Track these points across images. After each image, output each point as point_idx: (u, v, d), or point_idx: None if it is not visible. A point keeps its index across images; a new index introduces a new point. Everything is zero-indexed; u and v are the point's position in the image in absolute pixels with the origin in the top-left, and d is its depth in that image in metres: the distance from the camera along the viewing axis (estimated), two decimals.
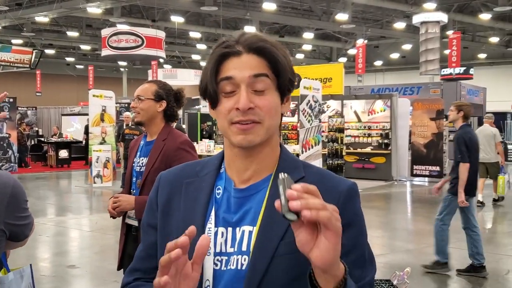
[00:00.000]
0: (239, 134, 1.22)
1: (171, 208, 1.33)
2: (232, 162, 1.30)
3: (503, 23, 32.59)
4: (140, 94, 3.36)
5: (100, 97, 16.52)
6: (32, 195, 14.50)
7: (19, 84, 37.92)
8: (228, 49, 1.24)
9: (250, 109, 1.20)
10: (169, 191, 1.35)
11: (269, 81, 1.23)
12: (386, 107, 17.37)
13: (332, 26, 31.61)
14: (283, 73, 1.25)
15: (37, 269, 6.96)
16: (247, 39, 1.24)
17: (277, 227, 1.19)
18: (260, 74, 1.22)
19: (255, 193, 1.26)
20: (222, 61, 1.24)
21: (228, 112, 1.22)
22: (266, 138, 1.25)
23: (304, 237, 1.01)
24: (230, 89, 1.22)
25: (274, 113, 1.25)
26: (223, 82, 1.23)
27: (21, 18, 29.18)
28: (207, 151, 13.96)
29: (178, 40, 37.72)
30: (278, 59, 1.23)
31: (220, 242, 1.24)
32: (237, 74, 1.21)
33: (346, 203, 1.23)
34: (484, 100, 29.43)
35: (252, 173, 1.28)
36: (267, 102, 1.23)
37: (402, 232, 9.96)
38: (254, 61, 1.23)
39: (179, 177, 1.36)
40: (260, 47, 1.23)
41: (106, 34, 28.37)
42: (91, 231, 9.92)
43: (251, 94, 1.22)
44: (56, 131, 24.81)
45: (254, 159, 1.27)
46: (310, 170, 1.31)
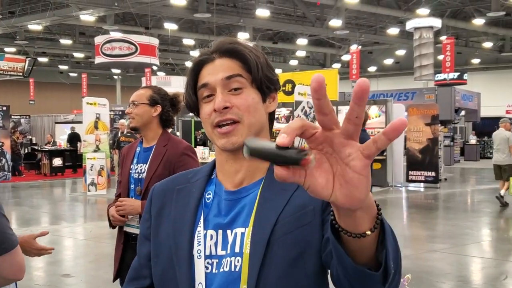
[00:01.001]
0: (221, 138, 1.23)
1: (163, 217, 1.34)
2: (223, 166, 1.30)
3: (496, 28, 32.74)
4: (135, 100, 3.32)
5: (94, 104, 16.44)
6: (25, 203, 14.40)
7: (12, 92, 37.85)
8: (202, 57, 1.28)
9: (227, 109, 1.22)
10: (162, 200, 1.37)
11: (243, 80, 1.25)
12: (381, 112, 17.35)
13: (326, 32, 31.68)
14: (255, 70, 1.25)
15: (31, 278, 6.88)
16: (218, 44, 1.28)
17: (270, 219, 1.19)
18: (232, 75, 1.24)
19: (247, 195, 1.26)
20: (199, 71, 1.28)
21: (208, 116, 1.24)
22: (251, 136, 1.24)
23: (317, 182, 0.83)
24: (207, 93, 1.25)
25: (253, 110, 1.25)
26: (201, 90, 1.27)
27: (14, 26, 29.13)
28: (202, 158, 13.88)
29: (172, 47, 37.76)
30: (247, 57, 1.25)
31: (210, 245, 1.24)
32: (211, 79, 1.25)
33: None
34: (478, 105, 29.50)
35: (244, 176, 1.28)
36: (243, 100, 1.24)
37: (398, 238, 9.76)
38: (226, 63, 1.26)
39: (172, 185, 1.38)
40: (229, 49, 1.26)
41: (100, 41, 28.34)
42: (85, 240, 9.84)
43: (228, 94, 1.24)
44: (49, 139, 24.69)
45: (244, 162, 1.27)
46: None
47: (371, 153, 0.79)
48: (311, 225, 1.17)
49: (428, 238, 9.77)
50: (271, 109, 1.32)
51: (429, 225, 11.09)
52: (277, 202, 1.21)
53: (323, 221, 1.17)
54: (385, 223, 0.94)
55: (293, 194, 1.22)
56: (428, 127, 16.69)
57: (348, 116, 0.79)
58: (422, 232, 10.44)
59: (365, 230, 0.90)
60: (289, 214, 1.19)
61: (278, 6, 30.36)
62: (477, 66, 40.83)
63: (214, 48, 1.28)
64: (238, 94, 1.24)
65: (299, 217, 1.19)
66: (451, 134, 26.60)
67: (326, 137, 0.82)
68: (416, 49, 27.51)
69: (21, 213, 12.88)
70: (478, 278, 7.17)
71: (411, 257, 8.16)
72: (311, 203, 1.19)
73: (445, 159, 21.83)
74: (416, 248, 8.97)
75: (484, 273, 7.26)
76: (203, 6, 26.30)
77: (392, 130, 0.76)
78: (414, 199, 15.41)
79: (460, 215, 12.03)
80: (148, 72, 29.68)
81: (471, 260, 8.10)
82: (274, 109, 1.34)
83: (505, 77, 39.83)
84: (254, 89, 1.26)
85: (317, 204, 1.19)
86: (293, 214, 1.19)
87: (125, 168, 3.39)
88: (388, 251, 0.95)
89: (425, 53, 27.29)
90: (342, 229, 0.91)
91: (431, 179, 16.67)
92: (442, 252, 8.30)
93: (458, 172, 23.96)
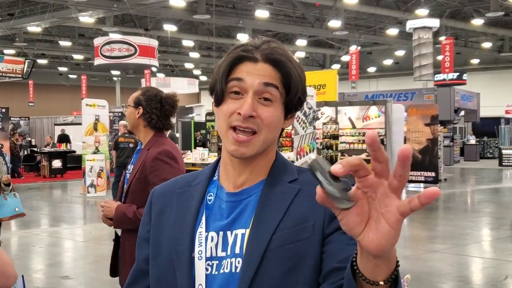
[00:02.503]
0: (233, 144, 1.21)
1: (163, 219, 1.32)
2: (227, 165, 1.29)
3: (495, 29, 32.74)
4: (128, 101, 3.33)
5: (93, 106, 16.43)
6: (25, 205, 14.32)
7: (12, 94, 37.84)
8: (245, 53, 1.23)
9: (251, 117, 1.19)
10: (162, 203, 1.35)
11: (277, 94, 1.22)
12: (381, 113, 17.34)
13: (325, 33, 31.66)
14: (293, 90, 1.24)
15: (30, 280, 6.87)
16: (266, 49, 1.23)
17: (269, 224, 1.19)
18: (270, 83, 1.21)
19: (248, 197, 1.26)
20: (237, 63, 1.23)
21: (229, 115, 1.21)
22: (260, 150, 1.24)
23: (353, 218, 0.88)
24: (237, 90, 1.22)
25: (274, 126, 1.24)
26: (232, 82, 1.22)
27: (13, 28, 29.11)
28: (201, 159, 13.85)
29: (171, 49, 37.74)
30: (292, 75, 1.23)
31: (210, 246, 1.23)
32: (248, 78, 1.21)
33: None
34: (477, 105, 29.52)
35: (246, 178, 1.27)
36: (270, 114, 1.21)
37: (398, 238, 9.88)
38: (268, 70, 1.22)
39: (172, 188, 1.36)
40: (277, 59, 1.23)
41: (99, 43, 28.31)
42: (85, 241, 9.83)
43: (257, 102, 1.21)
44: (49, 141, 24.67)
45: (248, 167, 1.27)
46: (303, 174, 1.29)
47: (405, 211, 0.84)
48: (308, 241, 1.18)
49: (428, 238, 9.77)
50: (287, 126, 1.32)
51: (429, 226, 11.08)
52: (277, 208, 1.21)
53: (323, 238, 1.18)
54: (399, 279, 0.97)
55: (293, 201, 1.22)
56: (428, 128, 16.69)
57: (394, 173, 0.85)
58: (422, 232, 10.44)
59: (380, 279, 0.92)
60: (288, 225, 1.19)
61: (277, 7, 30.36)
62: (476, 66, 40.82)
63: (259, 49, 1.23)
64: (267, 106, 1.21)
65: (298, 231, 1.19)
66: (450, 134, 26.61)
67: (374, 183, 0.86)
68: (415, 49, 27.51)
69: None
70: (478, 279, 7.16)
71: (411, 258, 8.15)
72: (312, 219, 1.19)
73: (445, 159, 21.82)
74: (416, 248, 8.96)
75: (484, 273, 7.26)
76: (203, 7, 26.28)
77: (426, 197, 0.81)
78: None
79: (460, 215, 12.03)
80: (147, 73, 29.66)
81: (471, 261, 8.10)
82: (289, 126, 1.34)
83: (504, 77, 39.82)
84: (282, 106, 1.25)
85: (318, 221, 1.19)
86: (292, 227, 1.19)
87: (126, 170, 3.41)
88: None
89: (424, 53, 27.29)
90: (359, 271, 0.94)
91: (431, 180, 16.67)
92: (442, 253, 8.29)
93: (458, 172, 23.96)
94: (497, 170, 25.19)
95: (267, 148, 1.26)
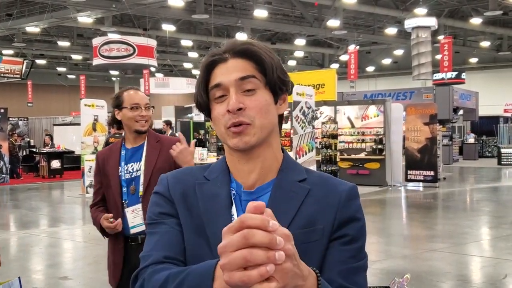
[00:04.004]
0: (234, 137, 1.23)
1: (188, 203, 1.30)
2: (235, 167, 1.31)
3: (494, 28, 32.75)
4: (148, 103, 3.42)
5: (92, 106, 16.41)
6: (24, 206, 14.38)
7: (10, 95, 37.80)
8: (215, 57, 1.27)
9: (240, 110, 1.22)
10: (182, 187, 1.32)
11: (257, 81, 1.25)
12: (380, 112, 17.35)
13: (324, 33, 31.66)
14: (269, 72, 1.26)
15: (29, 281, 6.86)
16: (231, 45, 1.28)
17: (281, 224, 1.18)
18: (246, 76, 1.24)
19: (261, 195, 1.28)
20: (211, 70, 1.27)
21: (222, 117, 1.24)
22: (263, 137, 1.25)
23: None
24: (220, 94, 1.25)
25: (264, 111, 1.25)
26: (212, 90, 1.26)
27: (11, 29, 29.09)
28: (200, 159, 13.85)
29: (170, 49, 37.71)
30: (262, 58, 1.25)
31: None
32: (224, 79, 1.24)
33: (347, 201, 1.27)
34: (476, 104, 29.53)
35: (257, 176, 1.28)
36: (256, 102, 1.24)
37: (398, 237, 9.90)
38: (240, 64, 1.25)
39: (189, 177, 1.34)
40: (243, 50, 1.26)
41: (97, 43, 28.29)
42: (84, 242, 9.82)
43: (241, 95, 1.23)
44: (48, 141, 24.67)
45: (256, 161, 1.28)
46: (312, 174, 1.33)
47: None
48: (316, 244, 1.21)
49: (427, 237, 9.76)
50: (282, 111, 1.33)
51: (429, 225, 11.08)
52: (288, 209, 1.23)
53: (329, 242, 1.22)
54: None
55: (304, 201, 1.24)
56: (427, 127, 16.69)
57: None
58: (421, 231, 10.43)
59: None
60: (298, 226, 1.21)
61: (276, 7, 30.34)
62: (475, 66, 40.84)
63: (226, 48, 1.27)
64: (252, 95, 1.24)
65: (308, 232, 1.21)
66: (449, 133, 26.62)
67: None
68: (414, 48, 27.50)
69: (20, 216, 12.86)
70: (478, 277, 7.16)
71: (411, 257, 8.15)
72: (321, 222, 1.22)
73: (444, 158, 21.82)
74: (416, 247, 8.96)
75: (484, 272, 7.25)
76: (201, 7, 26.26)
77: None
78: (413, 199, 15.41)
79: (460, 214, 12.02)
80: (146, 73, 29.65)
81: (471, 259, 8.09)
82: (285, 110, 1.35)
83: (503, 76, 39.84)
84: (267, 91, 1.27)
85: (327, 224, 1.22)
86: (302, 228, 1.21)
87: (112, 173, 3.35)
88: None
89: (423, 51, 27.28)
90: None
91: (430, 179, 16.67)
92: (441, 252, 8.29)
93: (457, 171, 23.96)
94: (496, 169, 25.19)
95: (269, 137, 1.27)
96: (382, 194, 15.56)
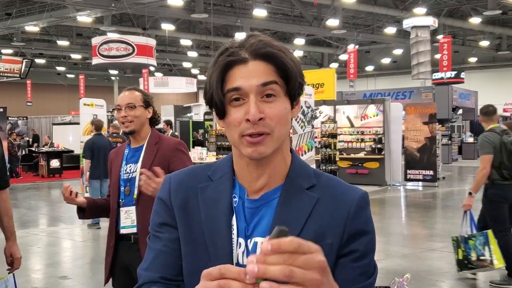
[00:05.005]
0: (249, 146, 1.17)
1: (189, 209, 1.27)
2: (243, 171, 1.26)
3: (493, 27, 32.76)
4: (132, 102, 3.30)
5: (91, 105, 16.41)
6: (23, 205, 14.37)
7: (10, 94, 37.78)
8: (233, 57, 1.18)
9: (260, 120, 1.15)
10: (184, 192, 1.30)
11: (278, 88, 1.17)
12: (379, 111, 17.35)
13: (323, 32, 31.66)
14: (292, 78, 1.19)
15: (28, 281, 6.86)
16: (252, 45, 1.18)
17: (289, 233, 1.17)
18: (268, 82, 1.16)
19: (267, 203, 1.23)
20: (228, 70, 1.18)
21: (238, 124, 1.17)
22: (277, 147, 1.20)
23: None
24: (237, 97, 1.17)
25: (284, 121, 1.19)
26: (230, 92, 1.17)
27: (10, 28, 29.07)
28: (200, 158, 13.85)
29: (169, 48, 37.72)
30: (286, 64, 1.18)
31: (238, 253, 1.22)
32: (244, 83, 1.16)
33: (357, 212, 1.22)
34: (475, 104, 29.55)
35: (265, 182, 1.24)
36: (277, 110, 1.17)
37: (397, 237, 9.90)
38: (262, 68, 1.17)
39: (192, 180, 1.31)
40: (267, 53, 1.17)
41: (97, 42, 28.28)
42: (83, 241, 9.81)
43: (260, 102, 1.16)
44: (47, 140, 24.66)
45: (265, 168, 1.23)
46: (321, 178, 1.27)
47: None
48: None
49: (426, 236, 9.77)
50: (295, 115, 1.26)
51: (428, 224, 11.08)
52: (295, 221, 1.19)
53: (337, 258, 1.18)
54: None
55: (311, 213, 1.20)
56: (426, 126, 16.69)
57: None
58: (420, 231, 10.44)
59: None
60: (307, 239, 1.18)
61: (275, 6, 30.34)
62: (474, 65, 40.85)
63: (246, 47, 1.18)
64: (271, 102, 1.17)
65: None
66: (448, 133, 26.63)
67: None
68: (413, 47, 27.51)
69: (19, 215, 12.85)
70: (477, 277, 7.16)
71: (410, 256, 8.15)
72: (330, 237, 1.18)
73: (443, 158, 21.82)
74: (415, 247, 8.96)
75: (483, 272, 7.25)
76: (200, 6, 26.26)
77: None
78: (412, 198, 15.41)
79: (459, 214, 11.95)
80: (145, 72, 29.64)
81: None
82: (297, 114, 1.29)
83: (502, 75, 39.85)
84: (287, 98, 1.20)
85: (336, 240, 1.18)
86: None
87: (115, 172, 3.38)
88: None
89: (422, 50, 27.29)
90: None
91: (429, 178, 16.67)
92: (441, 251, 8.29)
93: (456, 170, 23.97)
94: None
95: (282, 144, 1.22)
96: (381, 193, 15.55)
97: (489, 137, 6.27)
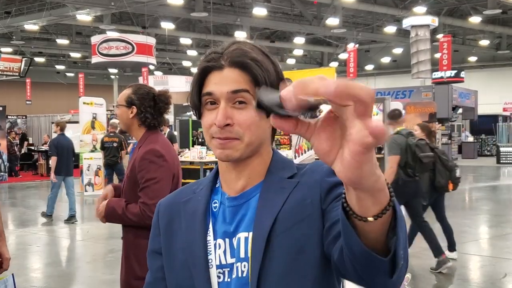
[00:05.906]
0: (218, 148, 1.21)
1: (173, 229, 1.33)
2: (225, 173, 1.29)
3: (493, 26, 32.75)
4: (117, 101, 3.24)
5: (91, 104, 16.41)
6: (22, 204, 14.36)
7: (9, 93, 37.73)
8: (211, 63, 1.22)
9: (227, 126, 1.18)
10: (169, 214, 1.35)
11: (249, 96, 1.19)
12: (379, 111, 17.30)
13: (323, 31, 31.64)
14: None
15: (28, 280, 6.85)
16: (230, 52, 1.21)
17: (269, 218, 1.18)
18: (239, 90, 1.18)
19: (248, 200, 1.25)
20: (207, 74, 1.23)
21: (209, 127, 1.21)
22: (249, 153, 1.22)
23: (321, 144, 0.79)
24: (211, 101, 1.21)
25: (255, 128, 1.20)
26: (204, 96, 1.22)
27: (10, 26, 29.04)
28: (199, 157, 13.82)
29: (169, 47, 37.67)
30: (257, 76, 1.19)
31: (219, 254, 1.24)
32: (216, 89, 1.19)
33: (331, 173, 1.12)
34: (475, 103, 29.56)
35: (245, 183, 1.26)
36: (246, 117, 1.19)
37: None
38: (235, 75, 1.19)
39: (177, 199, 1.37)
40: (241, 62, 1.20)
41: (96, 41, 28.27)
42: (82, 240, 9.80)
43: (231, 108, 1.19)
44: (46, 139, 24.62)
45: (244, 170, 1.26)
46: (303, 167, 1.28)
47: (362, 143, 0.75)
48: (310, 218, 1.16)
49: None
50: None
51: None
52: (276, 202, 1.20)
53: (323, 211, 1.16)
54: (398, 211, 0.89)
55: (292, 191, 1.21)
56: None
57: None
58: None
59: (369, 215, 0.85)
60: (287, 211, 1.18)
61: (275, 5, 30.31)
62: (474, 64, 40.83)
63: (226, 55, 1.20)
64: (242, 109, 1.19)
65: (297, 212, 1.18)
66: (448, 132, 26.62)
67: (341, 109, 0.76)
68: (413, 46, 27.50)
69: (18, 214, 12.84)
70: (477, 276, 7.16)
71: (410, 256, 8.11)
72: (308, 197, 1.18)
73: None
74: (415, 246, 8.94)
75: (483, 271, 7.25)
76: (200, 5, 26.25)
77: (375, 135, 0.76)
78: None
79: (458, 213, 12.00)
80: (145, 71, 29.62)
81: (470, 258, 8.08)
82: None
83: (502, 74, 39.83)
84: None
85: (315, 197, 1.18)
86: (291, 210, 1.18)
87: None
88: (399, 239, 0.89)
89: (422, 49, 27.28)
90: (349, 208, 0.88)
91: None
92: None
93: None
94: (495, 167, 25.20)
95: (259, 149, 1.25)
96: None
97: (396, 139, 6.76)
